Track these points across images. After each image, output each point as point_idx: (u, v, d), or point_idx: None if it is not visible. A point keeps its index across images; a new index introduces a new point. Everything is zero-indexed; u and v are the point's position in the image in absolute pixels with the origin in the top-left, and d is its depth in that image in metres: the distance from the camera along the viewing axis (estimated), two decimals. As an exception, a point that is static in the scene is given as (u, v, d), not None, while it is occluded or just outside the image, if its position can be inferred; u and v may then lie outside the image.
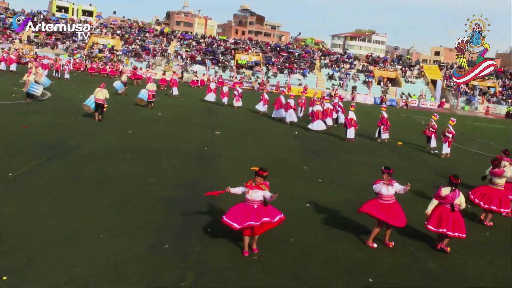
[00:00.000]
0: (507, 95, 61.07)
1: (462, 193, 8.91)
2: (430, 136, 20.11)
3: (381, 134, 21.07)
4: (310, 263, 7.47)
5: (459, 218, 8.52)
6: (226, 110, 28.06)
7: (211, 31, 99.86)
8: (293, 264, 7.35)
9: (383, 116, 20.86)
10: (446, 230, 8.30)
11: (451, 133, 18.36)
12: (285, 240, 8.27)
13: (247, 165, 13.65)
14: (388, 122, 21.11)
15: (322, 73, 59.80)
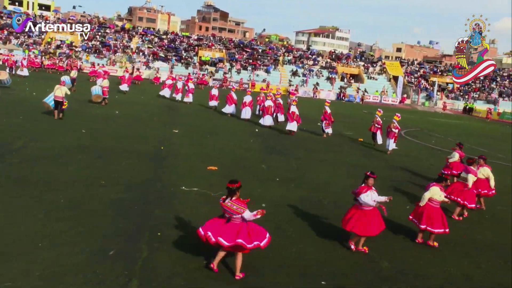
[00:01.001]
0: (464, 91, 62.85)
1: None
2: (376, 132, 19.75)
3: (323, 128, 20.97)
4: (263, 267, 7.26)
5: (437, 214, 8.83)
6: (187, 108, 27.57)
7: (174, 27, 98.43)
8: (244, 269, 7.09)
9: (326, 111, 20.82)
10: (426, 226, 8.70)
11: (397, 128, 18.15)
12: (238, 243, 7.99)
13: (204, 164, 13.44)
14: (331, 117, 21.04)
15: (286, 69, 59.89)
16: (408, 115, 42.89)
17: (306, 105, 37.65)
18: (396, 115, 18.71)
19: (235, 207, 6.77)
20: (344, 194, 11.78)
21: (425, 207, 8.84)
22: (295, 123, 20.68)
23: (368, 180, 8.17)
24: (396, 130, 18.01)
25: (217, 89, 28.63)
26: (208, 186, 11.28)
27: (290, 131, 20.67)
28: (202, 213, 9.34)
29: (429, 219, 8.74)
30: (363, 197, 8.05)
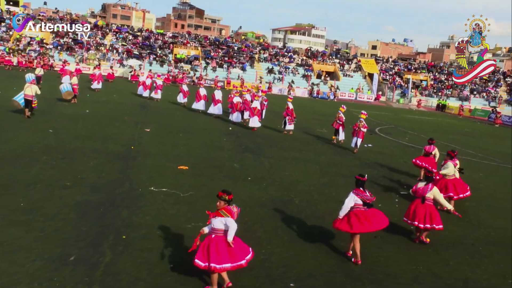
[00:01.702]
0: (437, 88, 63.84)
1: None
2: (338, 129, 19.60)
3: (286, 124, 20.78)
4: (229, 270, 7.05)
5: (432, 210, 8.85)
6: (160, 106, 27.15)
7: (149, 25, 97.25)
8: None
9: (288, 107, 20.72)
10: (417, 222, 8.78)
11: (365, 127, 17.55)
12: (205, 245, 7.79)
13: (175, 164, 13.18)
14: (294, 113, 20.94)
15: (262, 67, 59.75)
16: (383, 112, 43.34)
17: (281, 103, 37.60)
18: (362, 112, 18.03)
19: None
20: (316, 193, 11.75)
21: (425, 206, 8.87)
22: (256, 119, 20.97)
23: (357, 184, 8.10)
24: (365, 129, 17.55)
25: (186, 85, 28.53)
26: (178, 186, 11.06)
27: (252, 128, 20.92)
28: (170, 214, 9.15)
29: (430, 217, 8.83)
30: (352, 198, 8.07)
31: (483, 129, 37.87)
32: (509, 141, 29.69)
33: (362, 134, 17.48)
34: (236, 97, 22.64)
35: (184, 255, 7.33)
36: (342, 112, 19.61)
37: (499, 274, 7.85)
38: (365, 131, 17.56)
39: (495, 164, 19.20)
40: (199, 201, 10.14)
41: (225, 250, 6.29)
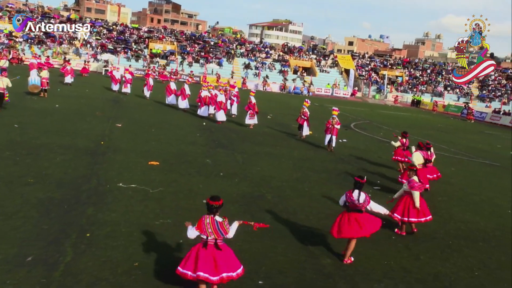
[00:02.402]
0: (412, 83, 64.66)
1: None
2: (303, 124, 19.16)
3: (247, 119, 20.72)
4: (196, 267, 6.84)
5: (424, 203, 9.07)
6: (133, 101, 26.66)
7: (124, 19, 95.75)
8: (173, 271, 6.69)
9: (251, 100, 20.60)
10: (410, 217, 8.87)
11: (338, 124, 16.91)
12: (171, 244, 7.57)
13: (145, 159, 12.88)
14: (256, 107, 20.85)
15: (238, 62, 59.45)
16: (359, 107, 43.62)
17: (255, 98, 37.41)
18: (334, 109, 17.43)
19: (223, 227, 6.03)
20: (288, 188, 11.61)
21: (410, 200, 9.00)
22: (222, 112, 21.11)
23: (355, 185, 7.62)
24: (338, 126, 16.95)
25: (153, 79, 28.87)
26: (147, 182, 10.78)
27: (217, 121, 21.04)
28: (138, 211, 8.88)
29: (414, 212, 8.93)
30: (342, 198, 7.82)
31: (456, 124, 38.47)
32: (480, 136, 30.23)
33: (336, 131, 16.95)
34: (204, 91, 22.58)
35: (150, 252, 7.11)
36: (306, 106, 19.12)
37: (467, 267, 7.86)
38: (338, 127, 17.04)
39: (467, 159, 19.44)
40: (168, 197, 9.90)
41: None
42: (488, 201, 12.54)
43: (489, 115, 46.23)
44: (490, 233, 9.80)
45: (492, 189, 14.12)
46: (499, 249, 8.86)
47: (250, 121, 20.66)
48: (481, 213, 11.21)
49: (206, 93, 22.40)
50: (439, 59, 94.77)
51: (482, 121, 44.67)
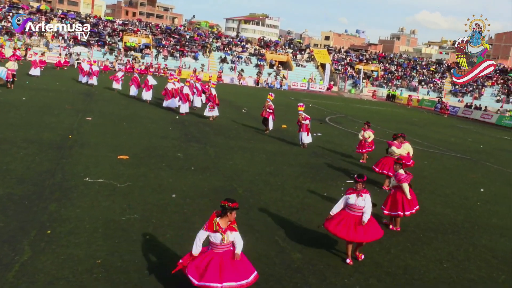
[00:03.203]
0: (387, 78, 65.27)
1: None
2: (268, 118, 18.66)
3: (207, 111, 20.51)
4: (162, 264, 6.64)
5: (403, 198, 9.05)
6: (106, 94, 26.09)
7: (98, 12, 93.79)
8: (140, 268, 6.47)
9: (211, 92, 20.48)
10: (408, 212, 8.92)
11: (307, 119, 16.17)
12: (137, 240, 7.32)
13: (115, 153, 12.53)
14: (217, 99, 20.72)
15: (214, 56, 58.95)
16: (335, 102, 43.76)
17: (231, 92, 37.26)
18: (299, 105, 16.74)
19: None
20: (260, 182, 11.45)
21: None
22: (186, 105, 21.32)
23: (356, 185, 7.34)
24: (307, 121, 16.11)
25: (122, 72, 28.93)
26: (115, 176, 10.49)
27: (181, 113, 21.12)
28: (104, 207, 8.59)
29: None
30: (344, 198, 7.47)
31: (429, 118, 38.96)
32: (452, 130, 30.67)
33: (305, 127, 16.22)
34: (170, 83, 22.54)
35: (115, 249, 6.85)
36: (270, 100, 18.69)
37: (436, 259, 7.85)
38: (308, 122, 16.22)
39: (439, 153, 19.63)
40: (136, 192, 9.63)
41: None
42: (459, 193, 12.65)
43: (462, 110, 47.02)
44: (460, 225, 9.85)
45: (462, 181, 14.26)
46: (467, 241, 8.91)
47: (210, 113, 20.41)
48: (451, 206, 11.28)
49: (172, 86, 22.48)
50: (413, 54, 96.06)
51: (455, 115, 45.40)
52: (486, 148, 23.11)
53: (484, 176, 15.53)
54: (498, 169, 17.08)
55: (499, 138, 29.36)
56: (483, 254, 8.35)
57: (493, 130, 35.05)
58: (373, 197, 7.79)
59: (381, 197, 10.84)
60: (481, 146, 23.44)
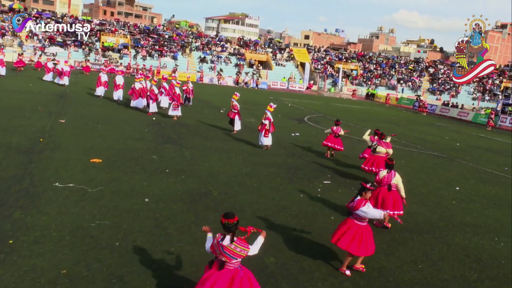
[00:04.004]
0: (367, 77, 65.76)
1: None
2: (233, 118, 18.27)
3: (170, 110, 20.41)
4: (129, 273, 6.42)
5: (397, 197, 9.10)
6: (81, 96, 25.59)
7: (75, 11, 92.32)
8: (107, 277, 6.25)
9: (175, 91, 20.36)
10: (389, 210, 8.70)
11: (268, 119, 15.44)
12: (106, 247, 7.08)
13: (87, 157, 12.22)
14: (180, 99, 20.68)
15: (194, 56, 58.55)
16: (314, 101, 43.88)
17: (209, 92, 37.01)
18: (270, 105, 15.93)
19: (239, 249, 5.24)
20: (236, 184, 11.30)
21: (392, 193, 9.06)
22: (155, 105, 21.23)
23: (366, 194, 6.96)
24: (267, 121, 15.42)
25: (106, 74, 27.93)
26: (87, 181, 10.20)
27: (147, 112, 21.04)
28: (73, 213, 8.31)
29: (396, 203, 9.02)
30: (366, 209, 6.81)
31: (408, 117, 39.32)
32: (430, 128, 30.98)
33: (263, 126, 15.52)
34: (137, 83, 22.31)
35: (82, 258, 6.61)
36: (235, 100, 18.35)
37: (411, 260, 7.81)
38: (266, 122, 15.44)
39: (416, 151, 19.75)
40: (107, 197, 9.37)
41: None
42: (435, 192, 12.69)
43: (439, 108, 47.60)
44: (435, 224, 9.86)
45: (438, 180, 14.33)
46: (442, 241, 8.90)
47: (174, 112, 20.24)
48: (427, 205, 11.30)
49: (138, 85, 22.28)
50: (392, 52, 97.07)
51: (433, 113, 45.95)
52: (462, 146, 23.38)
53: (459, 174, 15.66)
54: (473, 167, 17.26)
55: (474, 135, 29.79)
56: (457, 253, 8.35)
57: (469, 127, 35.56)
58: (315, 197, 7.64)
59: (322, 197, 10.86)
60: (457, 144, 23.70)
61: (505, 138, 30.43)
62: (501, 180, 15.35)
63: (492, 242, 9.10)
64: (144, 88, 22.19)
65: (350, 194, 11.51)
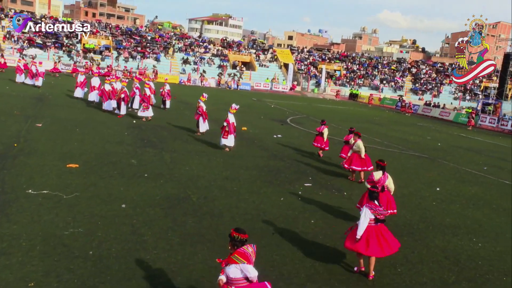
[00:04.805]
0: (350, 77, 66.08)
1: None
2: (198, 119, 17.87)
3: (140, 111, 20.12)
4: (102, 283, 6.22)
5: (390, 196, 9.35)
6: (60, 99, 25.16)
7: (55, 12, 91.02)
8: (80, 286, 6.05)
9: (145, 93, 20.12)
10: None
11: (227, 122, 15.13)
12: (79, 256, 6.88)
13: (64, 162, 11.95)
14: (151, 100, 20.53)
15: (176, 57, 58.16)
16: (297, 102, 43.90)
17: (191, 94, 36.71)
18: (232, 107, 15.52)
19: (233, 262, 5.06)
20: (216, 188, 11.15)
21: (385, 194, 9.24)
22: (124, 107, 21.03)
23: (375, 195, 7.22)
24: (226, 123, 15.11)
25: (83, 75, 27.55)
26: (62, 187, 9.96)
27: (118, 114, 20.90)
28: (45, 221, 8.08)
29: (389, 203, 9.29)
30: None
31: (390, 117, 39.57)
32: (412, 128, 31.20)
33: (223, 129, 15.30)
34: (107, 84, 22.06)
35: (52, 269, 6.39)
36: (202, 101, 17.86)
37: (391, 264, 7.75)
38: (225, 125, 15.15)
39: (398, 152, 19.82)
40: (83, 203, 9.15)
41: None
42: (415, 193, 12.71)
43: (421, 108, 48.04)
44: (415, 226, 9.84)
45: (419, 181, 14.37)
46: (422, 243, 8.88)
47: (144, 113, 20.03)
48: (408, 206, 11.29)
49: (108, 87, 22.00)
50: (375, 53, 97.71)
51: (415, 113, 46.33)
52: (443, 145, 23.55)
53: (440, 174, 15.73)
54: (454, 167, 17.37)
55: (456, 135, 30.08)
56: (436, 255, 8.33)
57: (450, 127, 35.93)
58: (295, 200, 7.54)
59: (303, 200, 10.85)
60: (439, 144, 23.87)
61: (485, 137, 30.81)
62: (480, 180, 15.47)
63: (470, 243, 9.12)
64: (114, 89, 21.87)
65: (331, 196, 11.48)
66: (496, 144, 27.28)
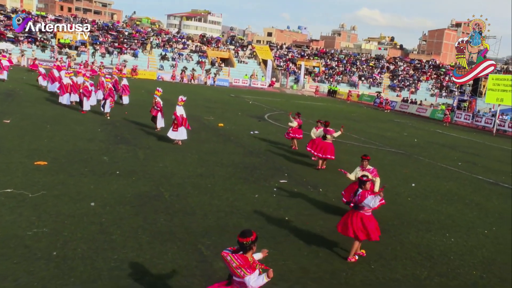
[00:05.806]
0: (329, 74, 66.33)
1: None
2: (156, 115, 17.35)
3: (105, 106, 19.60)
4: (65, 285, 5.97)
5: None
6: (32, 94, 24.51)
7: (29, 6, 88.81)
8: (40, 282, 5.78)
9: (111, 88, 19.87)
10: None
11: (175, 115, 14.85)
12: (42, 258, 6.59)
13: (31, 159, 11.56)
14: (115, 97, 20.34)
15: (154, 53, 57.45)
16: (276, 98, 43.82)
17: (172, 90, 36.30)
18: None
19: (234, 265, 4.68)
20: (189, 185, 10.92)
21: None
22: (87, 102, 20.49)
23: (365, 185, 7.45)
24: (174, 116, 14.84)
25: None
26: (28, 185, 9.60)
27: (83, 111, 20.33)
28: (7, 221, 7.74)
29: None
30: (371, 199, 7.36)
31: (368, 113, 39.80)
32: (389, 125, 31.42)
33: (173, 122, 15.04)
34: (66, 78, 21.66)
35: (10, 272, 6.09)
36: (158, 96, 17.24)
37: (364, 260, 7.68)
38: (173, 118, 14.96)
39: (375, 148, 19.86)
40: (50, 202, 8.83)
41: None
42: (391, 189, 12.68)
43: (399, 104, 48.48)
44: (389, 222, 9.79)
45: (395, 177, 14.40)
46: (396, 239, 8.84)
47: (110, 109, 19.70)
48: (383, 202, 11.24)
49: (67, 81, 21.59)
50: (354, 50, 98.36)
51: (393, 109, 46.72)
52: (420, 141, 23.74)
53: (416, 170, 15.80)
54: (429, 163, 17.48)
55: (432, 131, 30.39)
56: (409, 251, 8.30)
57: (427, 123, 36.32)
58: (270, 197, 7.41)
59: (278, 197, 10.67)
60: (415, 140, 24.06)
61: (460, 133, 31.22)
62: (455, 175, 15.59)
63: (443, 238, 9.12)
64: (75, 84, 21.43)
65: (306, 193, 11.37)
66: (470, 140, 27.67)
